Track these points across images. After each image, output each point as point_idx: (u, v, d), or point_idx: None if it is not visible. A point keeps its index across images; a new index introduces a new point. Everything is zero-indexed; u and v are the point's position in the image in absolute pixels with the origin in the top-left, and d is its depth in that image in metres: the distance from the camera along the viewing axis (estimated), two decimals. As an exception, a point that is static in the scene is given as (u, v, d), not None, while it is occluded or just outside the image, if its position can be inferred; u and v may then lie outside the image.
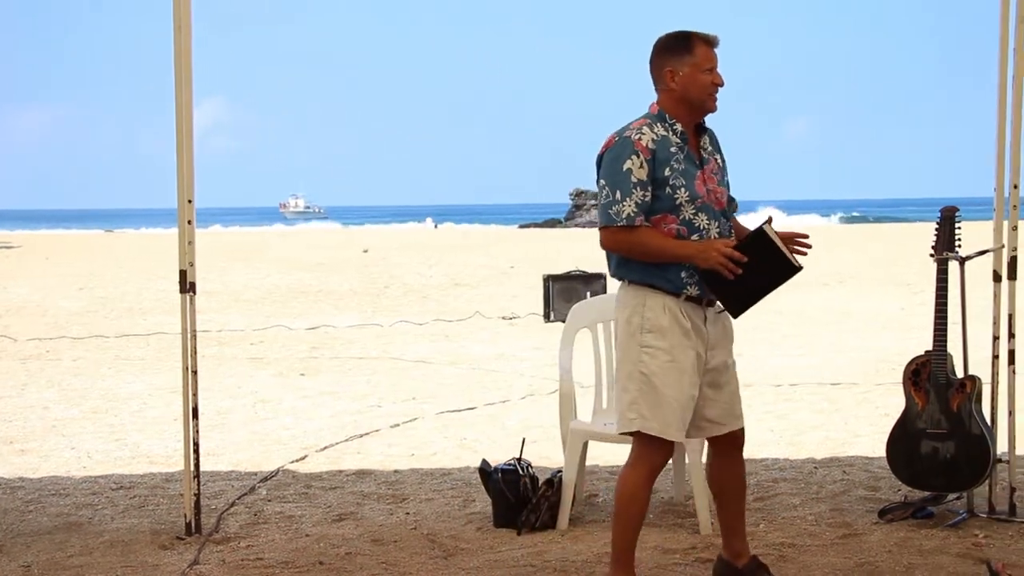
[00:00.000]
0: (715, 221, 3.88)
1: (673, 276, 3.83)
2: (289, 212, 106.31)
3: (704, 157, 3.93)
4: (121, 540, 4.90)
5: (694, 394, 3.90)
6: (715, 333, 3.96)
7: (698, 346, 3.89)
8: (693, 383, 3.88)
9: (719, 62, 3.90)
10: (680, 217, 3.82)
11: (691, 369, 3.87)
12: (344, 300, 17.19)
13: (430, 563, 4.53)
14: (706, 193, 3.87)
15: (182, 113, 4.82)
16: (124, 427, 7.67)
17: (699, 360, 3.91)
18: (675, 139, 3.86)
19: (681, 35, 3.88)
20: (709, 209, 3.87)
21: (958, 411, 4.89)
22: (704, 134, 3.97)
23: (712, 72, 3.86)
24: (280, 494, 5.72)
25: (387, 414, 8.07)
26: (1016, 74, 4.78)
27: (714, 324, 3.95)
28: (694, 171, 3.87)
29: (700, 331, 3.90)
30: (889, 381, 8.76)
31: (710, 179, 3.91)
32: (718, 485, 4.16)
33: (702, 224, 3.84)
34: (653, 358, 3.83)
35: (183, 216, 4.86)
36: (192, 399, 4.91)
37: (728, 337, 4.04)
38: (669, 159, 3.82)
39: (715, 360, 3.96)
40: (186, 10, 4.78)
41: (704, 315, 3.91)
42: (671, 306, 3.84)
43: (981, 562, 4.33)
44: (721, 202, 3.92)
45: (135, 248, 32.23)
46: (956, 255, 4.93)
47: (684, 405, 3.87)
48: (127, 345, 12.18)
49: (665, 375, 3.83)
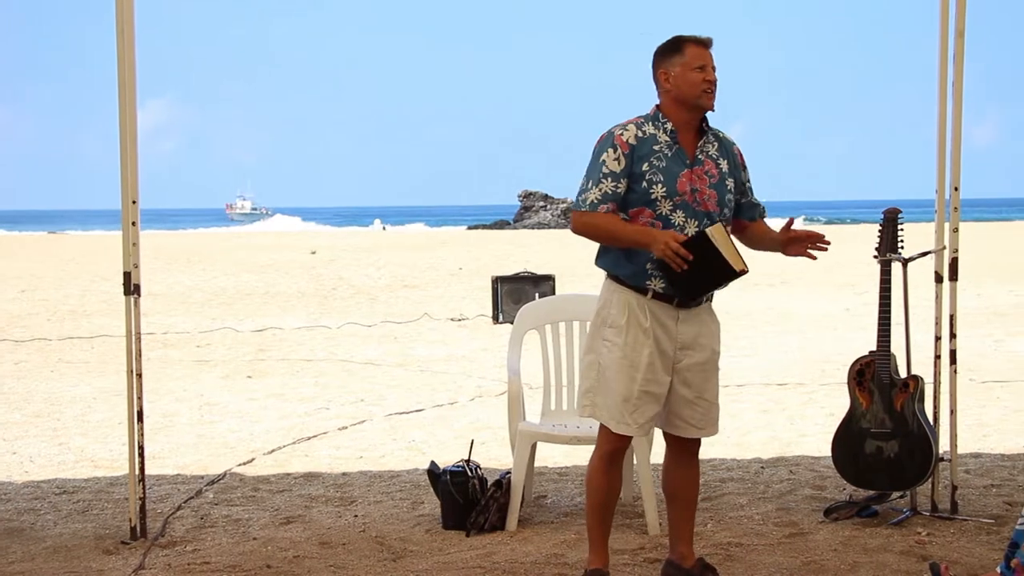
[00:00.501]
0: (695, 220, 3.92)
1: (639, 269, 3.92)
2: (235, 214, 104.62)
3: (698, 158, 3.97)
4: (64, 546, 4.84)
5: (650, 391, 3.96)
6: (688, 333, 3.99)
7: (663, 344, 3.96)
8: (648, 380, 3.95)
9: (715, 62, 3.96)
10: (656, 212, 3.91)
11: (645, 367, 3.93)
12: (291, 302, 17.08)
13: (379, 565, 4.51)
14: (689, 192, 3.92)
15: (125, 114, 4.76)
16: (67, 431, 7.57)
17: (663, 359, 3.97)
18: (664, 137, 3.95)
19: (673, 39, 4.00)
20: (688, 208, 3.92)
21: (901, 411, 4.96)
22: (707, 137, 4.01)
23: (704, 70, 3.92)
24: (227, 497, 5.67)
25: (335, 416, 8.03)
26: (955, 81, 4.88)
27: (689, 324, 3.99)
28: (679, 169, 3.93)
29: (667, 330, 3.96)
30: (834, 381, 8.86)
31: (700, 180, 3.95)
32: (672, 488, 4.22)
33: (678, 221, 3.91)
34: (609, 352, 3.98)
35: (127, 217, 4.81)
36: (137, 402, 4.86)
37: (709, 338, 4.06)
38: (650, 155, 3.92)
39: (688, 360, 4.01)
40: (129, 11, 4.73)
41: (676, 315, 3.96)
42: (633, 304, 3.94)
43: (924, 560, 4.39)
44: (708, 204, 3.94)
45: (78, 250, 31.81)
46: (899, 256, 5.00)
47: (633, 401, 3.94)
48: (70, 348, 12.03)
49: (616, 370, 3.95)
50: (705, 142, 4.01)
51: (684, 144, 3.97)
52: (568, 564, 4.46)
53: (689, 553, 4.19)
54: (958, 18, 4.85)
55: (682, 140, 3.97)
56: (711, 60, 3.95)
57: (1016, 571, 3.26)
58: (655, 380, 3.97)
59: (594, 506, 4.13)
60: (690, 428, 4.08)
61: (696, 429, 4.09)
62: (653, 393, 3.98)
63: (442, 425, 7.67)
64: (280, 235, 44.51)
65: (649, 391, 3.96)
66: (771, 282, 18.60)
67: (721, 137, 4.08)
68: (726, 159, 4.05)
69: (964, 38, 4.86)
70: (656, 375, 3.96)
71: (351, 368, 10.47)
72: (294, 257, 26.72)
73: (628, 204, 3.94)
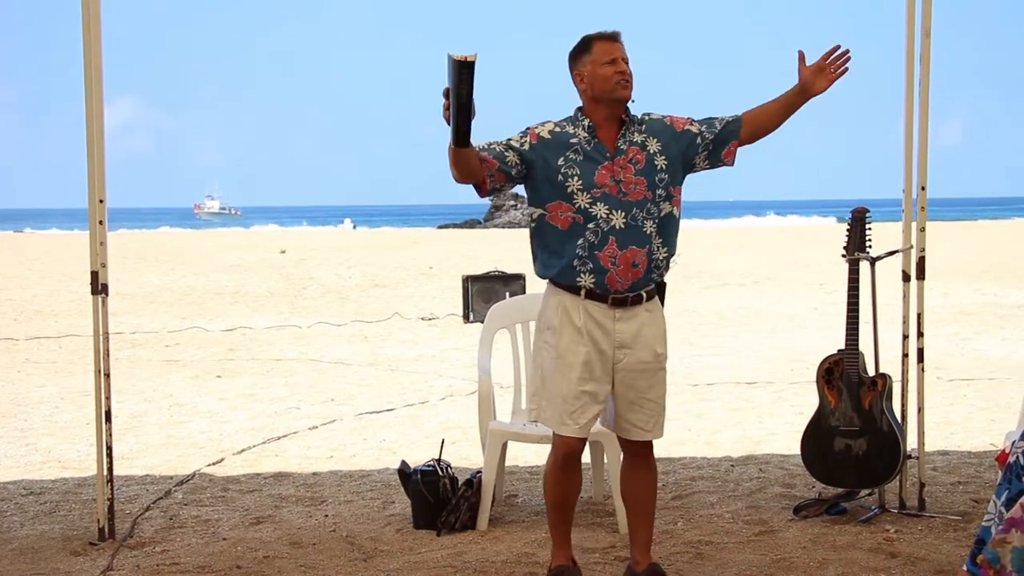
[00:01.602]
0: (620, 211, 3.91)
1: (566, 266, 3.94)
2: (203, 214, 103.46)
3: (620, 148, 3.97)
4: (31, 547, 4.80)
5: (588, 391, 3.96)
6: (627, 332, 3.98)
7: (601, 344, 3.95)
8: (584, 380, 3.95)
9: (626, 54, 3.96)
10: (575, 205, 3.92)
11: (580, 367, 3.94)
12: (261, 301, 17.01)
13: (349, 565, 4.50)
14: (611, 183, 3.92)
15: (92, 112, 4.73)
16: (34, 431, 7.51)
17: (601, 359, 3.96)
18: (582, 133, 3.98)
19: (581, 39, 4.02)
20: (612, 199, 3.91)
21: (870, 409, 4.99)
22: (630, 127, 4.00)
23: (614, 63, 3.94)
24: (196, 498, 5.64)
25: (305, 416, 8.00)
26: (922, 81, 4.92)
27: (628, 323, 3.98)
28: (596, 162, 3.94)
29: (605, 329, 3.96)
30: (803, 380, 8.92)
31: (623, 170, 3.94)
32: (625, 492, 4.22)
33: (600, 213, 3.90)
34: (547, 354, 4.01)
35: (94, 216, 4.77)
36: (105, 402, 4.83)
37: (651, 338, 4.03)
38: (566, 149, 3.95)
39: (628, 359, 3.99)
40: (95, 9, 4.69)
41: (613, 314, 3.95)
42: (568, 305, 3.96)
43: (892, 557, 4.42)
44: (635, 192, 3.92)
45: (46, 249, 31.53)
46: (867, 255, 5.04)
47: (571, 402, 3.96)
48: (37, 348, 11.93)
49: (552, 372, 3.98)
50: (627, 132, 3.99)
51: (604, 138, 3.97)
52: (539, 563, 4.46)
53: (642, 559, 4.14)
54: (924, 18, 4.89)
55: (601, 134, 3.98)
56: (621, 52, 3.95)
57: (982, 567, 3.29)
58: (592, 380, 3.96)
59: (552, 506, 4.16)
60: (635, 430, 4.06)
61: (641, 431, 4.06)
62: (591, 393, 3.97)
63: (413, 425, 7.66)
64: (250, 234, 44.29)
65: (587, 391, 3.96)
66: (741, 282, 18.68)
67: (649, 120, 4.05)
68: (656, 138, 4.01)
69: (931, 38, 4.90)
70: (593, 375, 3.96)
71: (321, 368, 10.43)
72: (264, 256, 26.60)
73: (545, 199, 3.95)
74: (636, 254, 3.92)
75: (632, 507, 4.20)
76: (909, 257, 5.06)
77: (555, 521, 4.18)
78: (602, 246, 3.91)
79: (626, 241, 3.92)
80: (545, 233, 4.00)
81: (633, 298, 3.97)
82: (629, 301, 3.97)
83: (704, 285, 18.11)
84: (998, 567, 3.25)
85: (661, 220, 3.98)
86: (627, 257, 3.92)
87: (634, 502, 4.18)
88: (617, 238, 3.91)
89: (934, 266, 5.65)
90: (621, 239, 3.91)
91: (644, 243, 3.94)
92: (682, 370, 9.83)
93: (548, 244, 4.00)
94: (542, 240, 4.02)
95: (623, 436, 4.11)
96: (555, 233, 3.96)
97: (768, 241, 32.82)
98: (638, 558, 4.15)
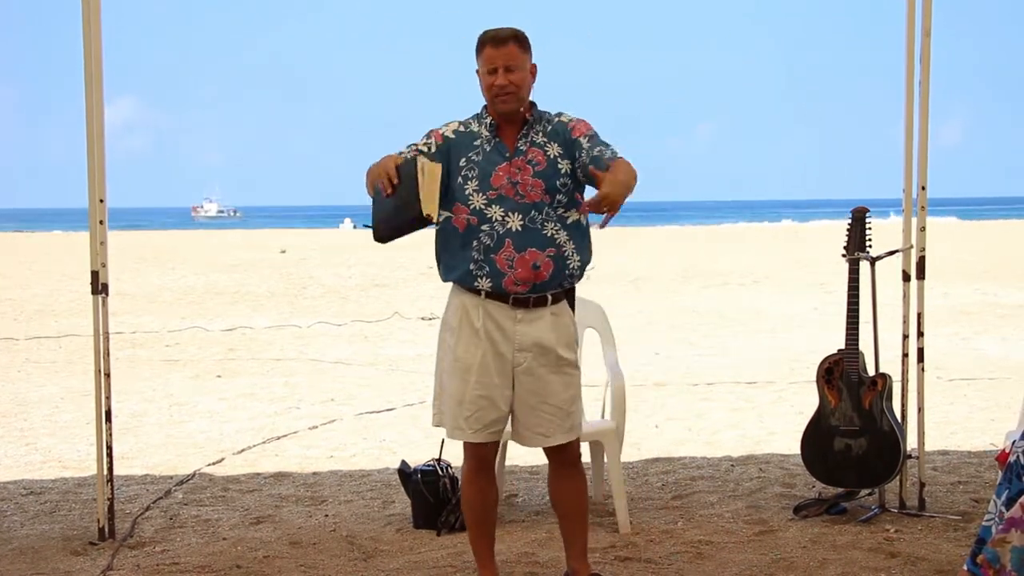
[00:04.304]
0: (518, 213, 3.80)
1: (464, 269, 3.86)
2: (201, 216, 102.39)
3: (519, 149, 3.84)
4: (31, 547, 4.80)
5: (485, 394, 3.86)
6: (528, 335, 3.85)
7: (501, 347, 3.85)
8: (482, 383, 3.85)
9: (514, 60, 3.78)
10: (470, 207, 3.82)
11: (478, 369, 3.85)
12: (261, 301, 17.01)
13: (349, 565, 4.50)
14: (508, 185, 3.81)
15: (92, 112, 4.73)
16: (35, 431, 7.51)
17: (500, 361, 3.86)
18: (485, 132, 3.88)
19: (478, 38, 3.88)
20: (508, 201, 3.80)
21: (870, 408, 4.99)
22: (533, 126, 3.86)
23: (494, 73, 3.79)
24: (196, 497, 5.64)
25: (305, 416, 8.00)
26: (922, 81, 4.92)
27: (530, 325, 3.85)
28: (495, 163, 3.83)
29: (505, 331, 3.85)
30: (803, 380, 8.92)
31: (521, 171, 3.81)
32: (554, 499, 4.11)
33: (495, 215, 3.80)
34: (445, 356, 3.96)
35: (94, 216, 4.77)
36: (105, 402, 4.83)
37: (554, 341, 3.87)
38: (468, 151, 3.86)
39: (529, 363, 3.86)
40: (96, 9, 4.69)
41: (515, 315, 3.84)
42: (468, 305, 3.87)
43: (892, 557, 4.42)
44: (532, 194, 3.79)
45: (46, 249, 31.54)
46: (867, 255, 5.04)
47: (467, 405, 3.87)
48: (38, 348, 11.92)
49: (450, 374, 3.91)
50: (530, 132, 3.86)
51: (504, 138, 3.86)
52: (539, 563, 4.47)
53: (580, 567, 4.04)
54: (924, 17, 4.89)
55: (503, 134, 3.87)
56: (503, 60, 3.77)
57: (982, 567, 3.29)
58: (490, 383, 3.85)
59: (470, 522, 4.05)
60: (533, 436, 3.91)
61: (540, 437, 3.90)
62: (489, 397, 3.86)
63: (413, 424, 7.65)
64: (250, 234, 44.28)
65: (484, 395, 3.85)
66: (741, 281, 18.68)
67: (555, 121, 3.89)
68: (557, 142, 3.85)
69: (931, 37, 4.90)
70: (490, 378, 3.85)
71: (321, 367, 10.43)
72: (264, 256, 26.61)
73: (449, 201, 3.84)
74: (536, 256, 3.79)
75: (561, 515, 4.07)
76: (909, 257, 5.06)
77: (474, 536, 4.05)
78: (498, 249, 3.80)
79: (524, 244, 3.78)
80: (447, 236, 3.89)
81: (535, 300, 3.84)
82: (531, 303, 3.84)
83: (704, 285, 18.10)
84: (998, 567, 3.25)
85: (568, 226, 3.84)
86: (526, 260, 3.78)
87: (563, 510, 4.06)
88: (514, 240, 3.78)
89: (934, 266, 5.65)
90: (518, 242, 3.78)
91: (546, 246, 3.80)
92: (682, 370, 9.84)
93: (448, 247, 3.90)
94: (444, 243, 3.92)
95: (520, 443, 3.98)
96: (455, 236, 3.86)
97: (768, 241, 32.81)
98: (575, 567, 4.05)
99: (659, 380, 9.35)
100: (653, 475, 5.94)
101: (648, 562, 4.46)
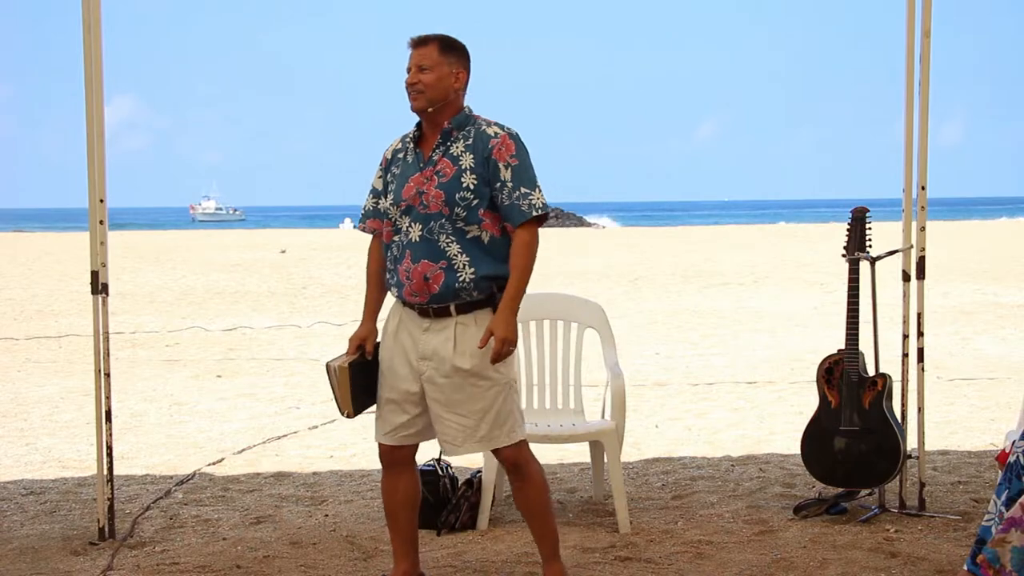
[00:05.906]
0: (419, 224, 3.80)
1: (387, 278, 3.98)
2: (199, 215, 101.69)
3: (432, 158, 3.83)
4: (31, 547, 4.80)
5: (392, 398, 3.94)
6: (431, 344, 3.86)
7: (409, 353, 3.90)
8: (390, 386, 3.94)
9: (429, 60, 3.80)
10: (390, 220, 3.90)
11: (388, 372, 3.95)
12: (261, 301, 17.01)
13: (349, 565, 4.50)
14: (415, 195, 3.82)
15: (92, 112, 4.73)
16: (34, 431, 7.51)
17: (407, 367, 3.91)
18: (409, 143, 3.92)
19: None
20: (414, 211, 3.82)
21: (870, 408, 4.99)
22: (453, 134, 3.83)
23: (409, 71, 3.83)
24: (196, 497, 5.64)
25: (305, 416, 8.00)
26: (921, 81, 4.92)
27: (434, 335, 3.85)
28: (408, 174, 3.86)
29: (414, 338, 3.89)
30: (803, 379, 8.92)
31: (428, 181, 3.80)
32: (516, 504, 4.12)
33: (404, 226, 3.85)
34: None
35: (94, 216, 4.77)
36: (105, 402, 4.83)
37: (454, 353, 3.82)
38: (395, 164, 3.93)
39: (430, 372, 3.87)
40: (95, 8, 4.69)
41: (424, 324, 3.87)
42: (394, 310, 3.98)
43: (892, 557, 4.42)
44: (433, 205, 3.77)
45: (46, 248, 31.54)
46: (867, 255, 5.04)
47: (380, 409, 3.99)
48: (37, 347, 11.92)
49: (382, 376, 3.99)
50: (446, 141, 3.83)
51: (424, 146, 3.88)
52: (539, 563, 4.45)
53: (548, 569, 4.03)
54: (924, 18, 4.89)
55: (424, 144, 3.88)
56: (416, 60, 3.80)
57: (982, 567, 3.29)
58: (396, 387, 3.91)
59: (386, 514, 4.13)
60: (445, 444, 3.94)
61: (450, 445, 3.92)
62: (395, 400, 3.92)
63: (413, 424, 7.64)
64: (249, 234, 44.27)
65: (391, 398, 3.93)
66: (741, 281, 18.68)
67: (481, 131, 3.83)
68: (473, 154, 3.79)
69: (931, 38, 4.90)
70: (396, 382, 3.91)
71: (321, 367, 10.40)
72: (264, 256, 26.61)
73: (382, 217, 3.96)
74: (428, 268, 3.78)
75: (525, 519, 4.10)
76: (909, 257, 5.06)
77: (390, 530, 4.13)
78: (401, 259, 3.85)
79: (419, 255, 3.80)
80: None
81: (435, 310, 3.83)
82: (432, 313, 3.84)
83: (704, 285, 18.10)
84: (998, 567, 3.25)
85: (466, 240, 3.79)
86: (419, 271, 3.80)
87: (523, 514, 4.09)
88: (412, 252, 3.81)
89: (934, 266, 5.65)
90: (415, 253, 3.80)
91: (439, 258, 3.78)
92: (682, 370, 9.84)
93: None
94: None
95: (453, 454, 4.01)
96: (386, 245, 3.97)
97: (768, 241, 32.82)
98: (544, 569, 4.07)
99: (659, 380, 9.35)
100: (653, 475, 5.94)
101: (648, 562, 4.46)
